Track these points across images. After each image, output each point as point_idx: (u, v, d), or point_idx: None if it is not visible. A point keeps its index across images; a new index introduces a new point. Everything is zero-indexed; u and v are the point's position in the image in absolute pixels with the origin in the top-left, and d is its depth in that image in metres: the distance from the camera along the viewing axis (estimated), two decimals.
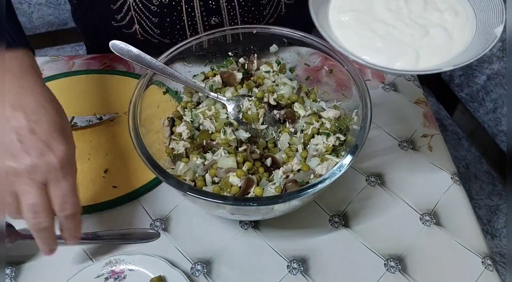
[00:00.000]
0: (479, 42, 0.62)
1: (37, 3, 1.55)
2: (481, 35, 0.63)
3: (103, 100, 0.94)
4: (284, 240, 0.75)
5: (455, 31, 0.64)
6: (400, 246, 0.74)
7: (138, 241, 0.74)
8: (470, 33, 0.64)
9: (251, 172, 0.70)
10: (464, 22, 0.65)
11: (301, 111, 0.77)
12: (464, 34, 0.64)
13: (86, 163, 0.84)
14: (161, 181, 0.65)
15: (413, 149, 0.87)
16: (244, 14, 0.97)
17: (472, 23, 0.65)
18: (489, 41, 0.59)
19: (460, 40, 0.64)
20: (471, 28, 0.64)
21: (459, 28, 0.64)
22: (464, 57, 0.61)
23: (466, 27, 0.64)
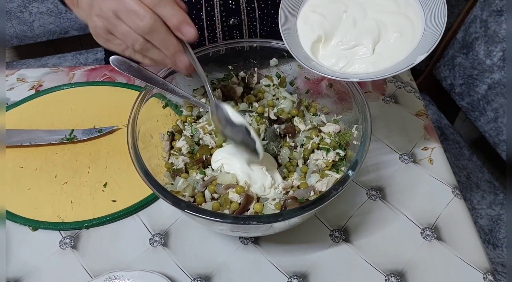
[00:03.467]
0: (403, 62, 0.65)
1: (38, 12, 1.55)
2: (410, 56, 0.65)
3: (103, 113, 0.94)
4: (285, 255, 0.74)
5: (396, 48, 0.67)
6: (401, 261, 0.74)
7: None
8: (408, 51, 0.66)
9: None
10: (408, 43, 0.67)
11: (301, 126, 0.77)
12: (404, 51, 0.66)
13: (85, 176, 0.83)
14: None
15: (413, 162, 0.87)
16: (263, 17, 0.97)
17: (414, 43, 0.66)
18: (406, 65, 0.62)
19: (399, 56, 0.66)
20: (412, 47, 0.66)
21: (400, 47, 0.67)
22: (384, 71, 0.64)
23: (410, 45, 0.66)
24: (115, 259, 0.74)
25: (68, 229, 0.77)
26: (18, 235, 0.77)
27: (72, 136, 0.88)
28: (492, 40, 1.28)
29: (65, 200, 0.80)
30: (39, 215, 0.78)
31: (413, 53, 0.64)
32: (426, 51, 0.61)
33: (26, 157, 0.86)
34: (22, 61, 1.63)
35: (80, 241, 0.76)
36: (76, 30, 1.66)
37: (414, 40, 0.66)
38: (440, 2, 0.64)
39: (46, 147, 0.88)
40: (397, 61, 0.65)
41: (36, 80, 1.01)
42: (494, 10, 1.27)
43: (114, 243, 0.76)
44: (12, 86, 1.00)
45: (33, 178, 0.83)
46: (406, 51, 0.65)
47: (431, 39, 0.63)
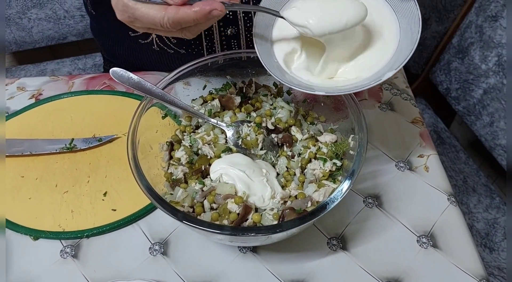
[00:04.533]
0: (374, 76, 0.65)
1: (37, 18, 1.56)
2: (380, 72, 0.65)
3: (103, 121, 0.95)
4: (283, 264, 0.75)
5: (370, 62, 0.68)
6: (398, 268, 0.75)
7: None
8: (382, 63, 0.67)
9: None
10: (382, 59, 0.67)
11: (299, 135, 0.78)
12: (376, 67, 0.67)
13: (85, 185, 0.84)
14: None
15: (409, 169, 0.88)
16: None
17: (386, 59, 0.67)
18: (375, 80, 0.62)
19: (371, 72, 0.67)
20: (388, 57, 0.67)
21: (374, 63, 0.67)
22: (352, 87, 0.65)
23: (382, 58, 0.67)
24: (116, 268, 0.75)
25: (68, 238, 0.78)
26: (19, 244, 0.78)
27: (72, 146, 0.89)
28: (487, 45, 1.29)
29: (65, 209, 0.81)
30: (40, 224, 0.79)
31: (385, 68, 0.65)
32: (395, 68, 0.61)
33: (27, 166, 0.87)
34: (21, 67, 1.64)
35: (80, 250, 0.77)
36: (75, 36, 1.67)
37: (384, 58, 0.66)
38: (415, 18, 0.64)
39: (47, 156, 0.88)
40: (365, 76, 0.66)
41: (36, 89, 1.02)
42: (489, 15, 1.28)
43: (114, 252, 0.77)
44: (12, 95, 1.01)
45: (34, 187, 0.84)
46: (374, 69, 0.66)
47: (400, 56, 0.63)
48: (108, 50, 1.21)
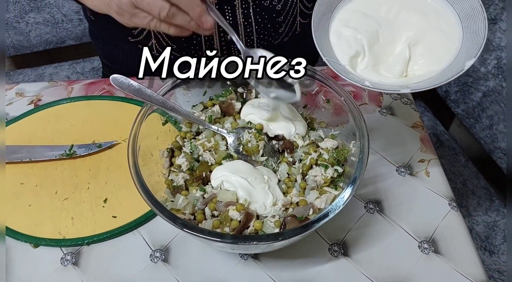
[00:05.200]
0: (450, 69, 0.65)
1: (35, 22, 1.56)
2: (456, 63, 0.65)
3: (102, 127, 0.94)
4: (284, 270, 0.75)
5: (437, 56, 0.68)
6: (399, 274, 0.75)
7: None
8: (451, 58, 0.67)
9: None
10: (449, 51, 0.68)
11: (300, 141, 0.78)
12: (444, 60, 0.68)
13: (86, 192, 0.84)
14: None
15: (410, 174, 0.88)
16: (260, 31, 0.98)
17: (455, 50, 0.67)
18: (457, 71, 0.62)
19: (440, 65, 0.68)
20: (453, 54, 0.67)
21: (441, 56, 0.68)
22: (433, 81, 0.65)
23: (448, 54, 0.68)
24: (117, 276, 0.75)
25: (69, 245, 0.78)
26: (19, 252, 0.77)
27: (71, 152, 0.88)
28: (486, 48, 1.29)
29: (65, 216, 0.81)
30: (40, 232, 0.79)
31: (456, 61, 0.65)
32: (474, 56, 0.62)
33: (26, 173, 0.86)
34: (19, 71, 1.64)
35: (81, 257, 0.77)
36: (73, 40, 1.67)
37: (451, 51, 0.67)
38: (476, 4, 0.65)
39: (46, 163, 0.88)
40: (437, 69, 0.67)
41: (34, 94, 1.02)
42: (488, 18, 1.28)
43: (115, 259, 0.77)
44: (11, 101, 1.01)
45: (34, 194, 0.84)
46: (444, 62, 0.67)
47: (473, 44, 0.63)
48: (107, 55, 1.21)
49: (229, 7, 0.95)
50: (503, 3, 1.24)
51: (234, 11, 0.95)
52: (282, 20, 1.01)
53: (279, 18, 1.01)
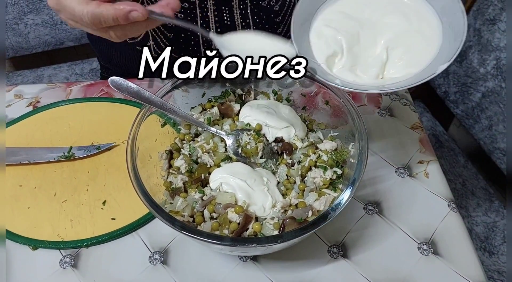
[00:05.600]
0: (423, 73, 0.65)
1: (34, 24, 1.56)
2: (432, 66, 0.65)
3: (101, 129, 0.94)
4: (284, 272, 0.75)
5: (415, 59, 0.68)
6: (399, 276, 0.75)
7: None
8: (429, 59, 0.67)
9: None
10: (427, 54, 0.68)
11: (298, 143, 0.78)
12: (422, 63, 0.67)
13: (84, 194, 0.84)
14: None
15: (409, 175, 0.88)
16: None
17: (433, 53, 0.67)
18: (428, 74, 0.62)
19: (418, 68, 0.67)
20: (433, 53, 0.67)
21: (419, 59, 0.68)
22: (403, 83, 0.66)
23: (426, 57, 0.67)
24: (116, 278, 0.75)
25: (68, 247, 0.78)
26: (18, 254, 0.77)
27: (70, 154, 0.88)
28: (485, 49, 1.29)
29: (64, 219, 0.81)
30: (39, 234, 0.79)
31: (433, 64, 0.65)
32: (448, 60, 0.62)
33: (25, 175, 0.86)
34: (18, 72, 1.64)
35: (80, 259, 0.77)
36: (72, 41, 1.67)
37: (429, 54, 0.67)
38: (458, 11, 0.65)
39: (45, 165, 0.88)
40: (414, 72, 0.67)
41: (33, 96, 1.02)
42: (487, 19, 1.28)
43: (114, 261, 0.77)
44: (10, 103, 1.01)
45: (33, 196, 0.84)
46: (421, 65, 0.67)
47: (451, 48, 0.63)
48: (105, 57, 1.21)
49: (227, 7, 0.95)
50: (502, 3, 1.24)
51: (232, 12, 0.95)
52: (280, 21, 1.01)
53: (277, 18, 1.01)
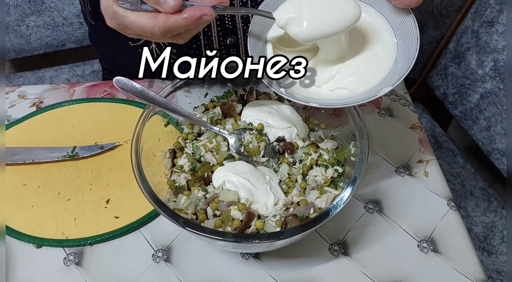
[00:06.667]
0: (367, 93, 0.66)
1: (35, 25, 1.57)
2: (377, 87, 0.66)
3: (104, 129, 0.95)
4: (285, 270, 0.76)
5: (363, 79, 0.69)
6: (399, 273, 0.76)
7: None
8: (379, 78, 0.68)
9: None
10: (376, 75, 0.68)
11: (300, 142, 0.79)
12: (373, 79, 0.68)
13: (88, 193, 0.85)
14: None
15: (409, 174, 0.89)
16: None
17: (383, 74, 0.68)
18: (370, 95, 0.63)
19: (364, 85, 0.68)
20: (383, 74, 0.68)
21: (367, 78, 0.68)
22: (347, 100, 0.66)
23: (376, 75, 0.68)
24: (119, 275, 0.75)
25: (72, 245, 0.79)
26: (22, 252, 0.78)
27: (74, 154, 0.89)
28: (483, 51, 1.30)
29: (68, 217, 0.81)
30: (43, 232, 0.79)
31: (380, 85, 0.66)
32: (391, 85, 0.62)
33: (29, 175, 0.87)
34: (19, 74, 1.64)
35: (84, 257, 0.78)
36: (73, 43, 1.67)
37: (378, 74, 0.67)
38: (413, 36, 0.65)
39: (49, 164, 0.89)
40: (360, 91, 0.67)
41: (37, 97, 1.03)
42: (485, 21, 1.30)
43: (117, 259, 0.77)
44: (14, 104, 1.01)
45: (37, 195, 0.84)
46: (368, 85, 0.67)
47: (400, 71, 0.64)
48: (107, 59, 1.22)
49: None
50: (499, 6, 1.25)
51: (234, 16, 0.96)
52: None
53: None
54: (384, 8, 0.70)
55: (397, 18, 0.69)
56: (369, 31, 0.70)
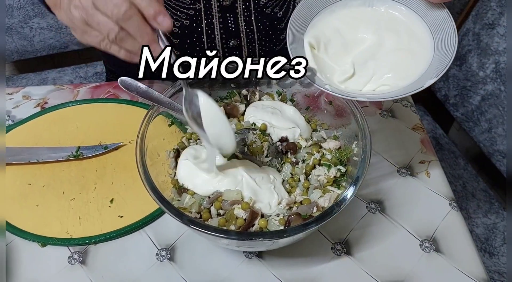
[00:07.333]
0: (412, 86, 0.67)
1: (39, 27, 1.58)
2: (421, 80, 0.67)
3: (108, 129, 0.96)
4: (288, 269, 0.76)
5: (403, 74, 0.70)
6: (401, 272, 0.76)
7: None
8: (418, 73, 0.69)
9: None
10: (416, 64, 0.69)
11: (303, 142, 0.79)
12: (412, 74, 0.69)
13: (92, 193, 0.85)
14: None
15: (411, 175, 0.90)
16: (261, 38, 1.00)
17: (422, 69, 0.69)
18: (416, 87, 0.64)
19: (405, 80, 0.69)
20: (422, 69, 0.69)
21: (407, 72, 0.69)
22: (390, 94, 0.67)
23: (415, 70, 0.69)
24: (124, 274, 0.76)
25: (76, 244, 0.79)
26: (27, 251, 0.79)
27: (78, 153, 0.90)
28: (484, 53, 1.31)
29: (73, 216, 0.82)
30: (47, 231, 0.80)
31: (421, 79, 0.67)
32: (436, 76, 0.63)
33: (34, 174, 0.88)
34: (23, 76, 1.65)
35: (88, 256, 0.78)
36: (76, 45, 1.68)
37: (417, 69, 0.68)
38: (450, 29, 0.66)
39: (53, 164, 0.90)
40: (402, 85, 0.68)
41: (41, 97, 1.04)
42: (486, 23, 1.30)
43: (122, 258, 0.78)
44: (18, 104, 1.02)
45: (41, 194, 0.85)
46: (408, 79, 0.68)
47: (441, 64, 0.65)
48: (111, 60, 1.23)
49: (232, 14, 0.97)
50: (500, 8, 1.26)
51: (237, 19, 0.97)
52: (283, 27, 1.03)
53: (280, 25, 1.03)
54: (417, 6, 0.71)
55: (430, 14, 0.70)
56: (402, 30, 0.72)
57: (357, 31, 0.74)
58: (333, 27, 0.74)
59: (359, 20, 0.74)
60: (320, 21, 0.74)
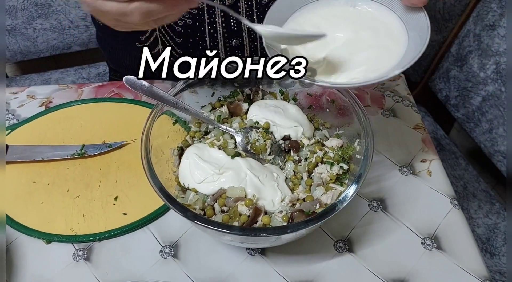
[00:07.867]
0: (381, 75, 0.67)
1: (42, 28, 1.58)
2: (389, 71, 0.67)
3: (112, 128, 0.97)
4: (291, 266, 0.77)
5: (375, 67, 0.69)
6: (403, 270, 0.77)
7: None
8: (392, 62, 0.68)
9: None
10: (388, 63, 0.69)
11: (305, 141, 0.80)
12: (383, 67, 0.68)
13: (96, 191, 0.86)
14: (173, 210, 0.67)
15: (413, 173, 0.90)
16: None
17: (397, 59, 0.69)
18: (382, 76, 0.64)
19: (376, 72, 0.68)
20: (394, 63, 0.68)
21: (379, 66, 0.69)
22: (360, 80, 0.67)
23: (390, 62, 0.69)
24: (128, 271, 0.77)
25: (81, 241, 0.80)
26: (32, 248, 0.79)
27: (82, 152, 0.91)
28: (485, 54, 1.32)
29: (77, 214, 0.83)
30: (52, 228, 0.81)
31: (391, 70, 0.66)
32: (402, 67, 0.63)
33: (39, 172, 0.89)
34: (26, 76, 1.66)
35: (93, 253, 0.79)
36: (79, 46, 1.69)
37: (389, 63, 0.68)
38: (424, 28, 0.67)
39: (58, 162, 0.90)
40: (372, 77, 0.68)
41: (45, 97, 1.04)
42: (487, 24, 1.31)
43: (126, 254, 0.79)
44: (23, 103, 1.03)
45: (46, 192, 0.86)
46: (379, 72, 0.68)
47: (412, 55, 0.65)
48: (114, 60, 1.24)
49: None
50: (501, 9, 1.27)
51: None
52: None
53: None
54: (395, 5, 0.72)
55: (408, 14, 0.71)
56: (380, 28, 0.72)
57: (337, 28, 0.74)
58: (313, 23, 0.74)
59: (340, 19, 0.75)
60: (300, 16, 0.75)
